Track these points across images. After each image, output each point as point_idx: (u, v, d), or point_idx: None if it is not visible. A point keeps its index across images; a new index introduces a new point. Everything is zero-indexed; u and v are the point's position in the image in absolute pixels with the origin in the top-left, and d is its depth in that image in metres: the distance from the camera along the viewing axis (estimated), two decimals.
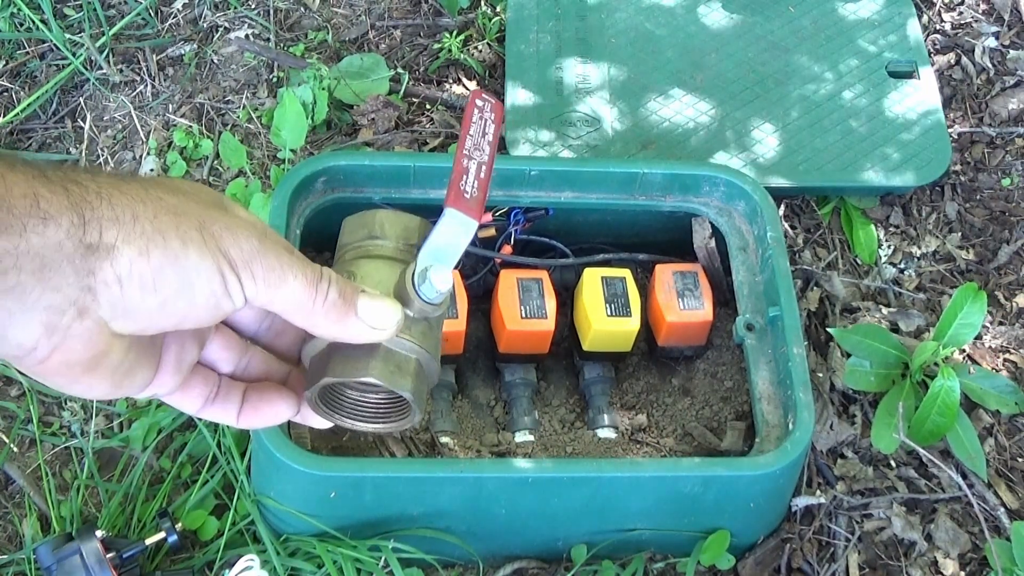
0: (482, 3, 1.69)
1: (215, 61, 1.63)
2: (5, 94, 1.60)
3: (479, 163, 0.54)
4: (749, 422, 1.20)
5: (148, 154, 1.52)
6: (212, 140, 1.53)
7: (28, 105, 1.57)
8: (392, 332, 0.52)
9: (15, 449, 1.27)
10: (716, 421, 1.24)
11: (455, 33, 1.64)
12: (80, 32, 1.64)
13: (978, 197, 1.54)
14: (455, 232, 0.52)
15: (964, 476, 1.26)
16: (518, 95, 1.52)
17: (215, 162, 1.52)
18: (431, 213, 0.54)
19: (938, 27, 1.71)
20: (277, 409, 0.56)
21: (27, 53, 1.64)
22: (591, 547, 1.18)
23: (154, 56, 1.63)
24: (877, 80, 1.58)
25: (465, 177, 0.53)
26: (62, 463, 1.27)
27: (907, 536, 1.24)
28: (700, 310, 1.23)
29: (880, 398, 1.28)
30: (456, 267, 0.54)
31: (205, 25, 1.67)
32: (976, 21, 1.71)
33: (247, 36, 1.66)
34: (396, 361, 0.53)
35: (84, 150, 1.54)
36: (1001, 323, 1.42)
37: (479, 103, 0.56)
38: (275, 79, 1.60)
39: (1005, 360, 1.38)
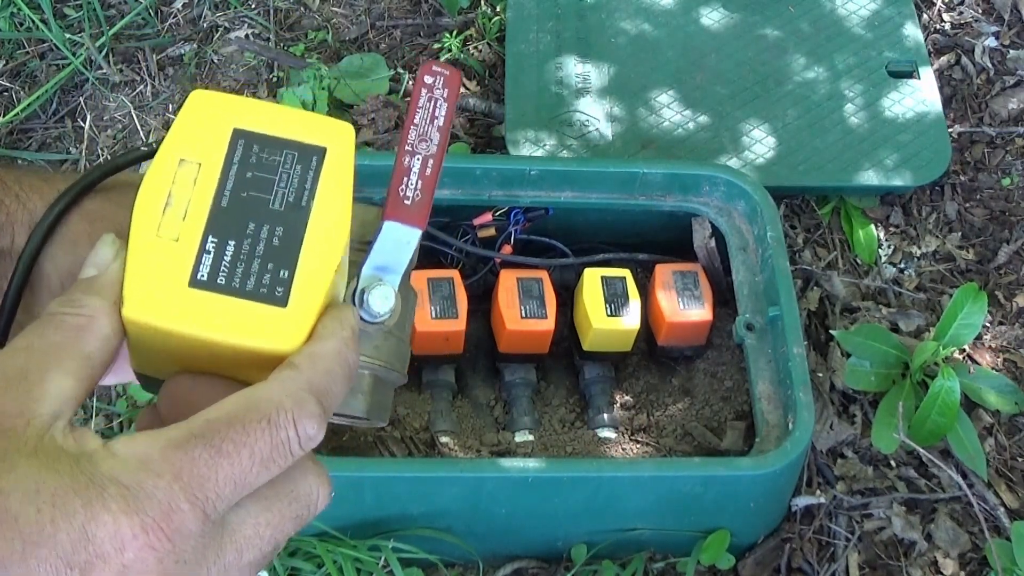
0: (482, 3, 1.69)
1: (215, 61, 1.64)
2: (5, 94, 1.60)
3: (425, 157, 0.48)
4: (749, 422, 1.20)
5: None
6: None
7: (28, 105, 1.57)
8: None
9: None
10: (716, 421, 1.25)
11: (455, 33, 1.65)
12: (80, 32, 1.64)
13: (978, 197, 1.54)
14: (397, 244, 0.47)
15: (964, 476, 1.26)
16: (518, 95, 1.52)
17: None
18: (432, 213, 0.51)
19: (938, 27, 1.71)
20: None
21: (27, 53, 1.64)
22: (591, 547, 1.18)
23: (154, 56, 1.64)
24: (877, 80, 1.58)
25: (406, 179, 0.47)
26: None
27: (907, 536, 1.24)
28: (700, 310, 1.23)
29: (880, 398, 1.28)
30: (407, 275, 0.49)
31: (205, 25, 1.68)
32: (976, 21, 1.71)
33: (247, 36, 1.66)
34: None
35: (84, 150, 1.54)
36: (1001, 323, 1.42)
37: (428, 79, 0.48)
38: (275, 79, 1.60)
39: (1005, 360, 1.38)
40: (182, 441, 0.36)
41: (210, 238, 0.40)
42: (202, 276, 0.39)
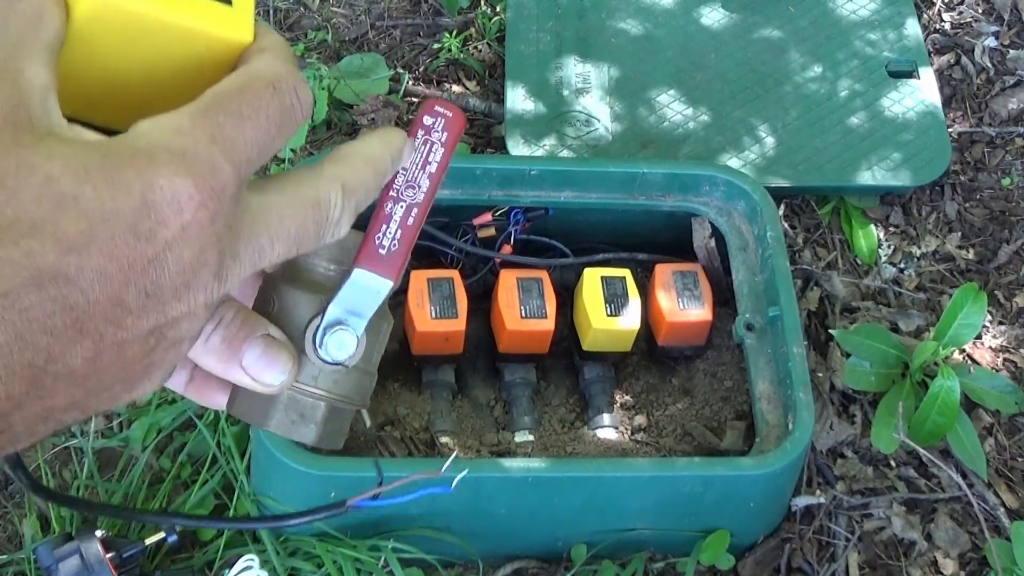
0: (482, 3, 1.69)
1: None
2: None
3: (409, 205, 0.45)
4: (749, 422, 1.20)
5: None
6: None
7: None
8: (278, 390, 0.45)
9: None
10: (716, 421, 1.25)
11: (455, 33, 1.64)
12: None
13: (978, 197, 1.54)
14: (366, 293, 0.45)
15: (964, 476, 1.26)
16: (518, 95, 1.52)
17: None
18: (431, 213, 0.49)
19: (938, 27, 1.71)
20: (214, 397, 0.50)
21: None
22: (591, 547, 1.18)
23: None
24: (877, 80, 1.58)
25: (384, 227, 0.45)
26: (62, 463, 1.27)
27: (907, 536, 1.24)
28: (700, 310, 1.23)
29: (880, 398, 1.28)
30: (370, 323, 0.46)
31: None
32: (976, 21, 1.71)
33: None
34: (300, 409, 0.47)
35: None
36: (1001, 323, 1.42)
37: (427, 120, 0.46)
38: None
39: (1005, 360, 1.39)
40: (205, 110, 0.37)
41: None
42: None
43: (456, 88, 1.61)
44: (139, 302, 0.35)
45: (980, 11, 1.73)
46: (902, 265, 1.47)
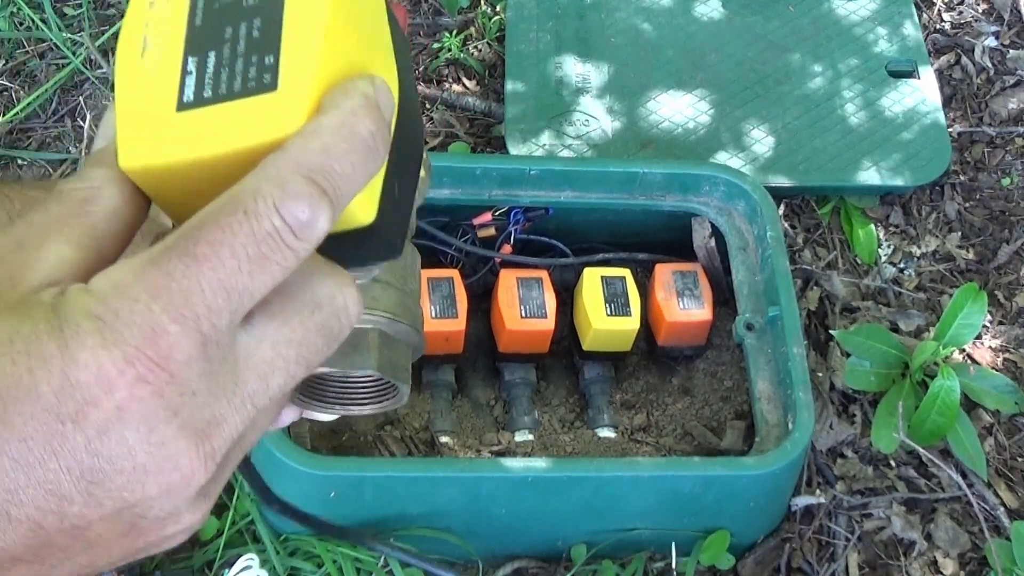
0: (482, 3, 1.69)
1: None
2: (5, 93, 1.60)
3: None
4: (749, 422, 1.20)
5: None
6: None
7: (28, 104, 1.57)
8: None
9: None
10: (716, 421, 1.25)
11: (455, 32, 1.64)
12: (80, 31, 1.64)
13: (978, 197, 1.54)
14: None
15: (964, 476, 1.26)
16: (518, 95, 1.52)
17: None
18: (431, 213, 0.49)
19: (938, 27, 1.71)
20: (280, 415, 0.49)
21: (27, 52, 1.64)
22: (591, 547, 1.18)
23: None
24: (877, 80, 1.58)
25: None
26: None
27: (907, 536, 1.24)
28: (700, 310, 1.23)
29: (880, 398, 1.28)
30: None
31: None
32: (976, 21, 1.71)
33: None
34: (350, 341, 0.45)
35: (84, 149, 1.54)
36: (1001, 323, 1.42)
37: None
38: None
39: (1005, 360, 1.39)
40: (156, 258, 0.31)
41: (189, 59, 0.37)
42: (188, 98, 0.36)
43: (456, 88, 1.61)
44: (81, 490, 0.31)
45: (980, 11, 1.73)
46: (902, 265, 1.47)
